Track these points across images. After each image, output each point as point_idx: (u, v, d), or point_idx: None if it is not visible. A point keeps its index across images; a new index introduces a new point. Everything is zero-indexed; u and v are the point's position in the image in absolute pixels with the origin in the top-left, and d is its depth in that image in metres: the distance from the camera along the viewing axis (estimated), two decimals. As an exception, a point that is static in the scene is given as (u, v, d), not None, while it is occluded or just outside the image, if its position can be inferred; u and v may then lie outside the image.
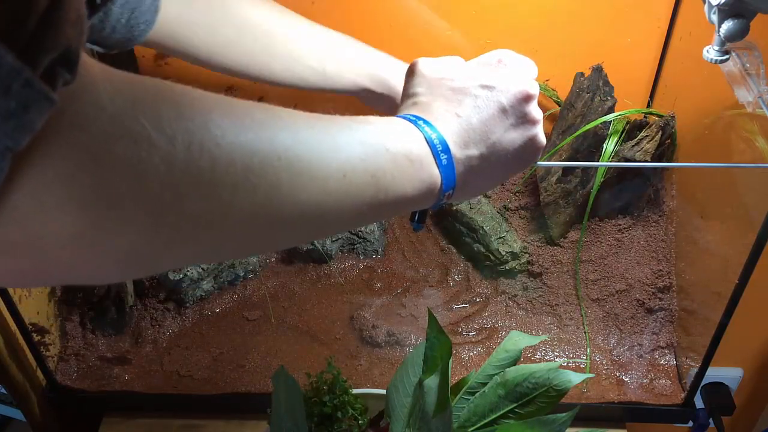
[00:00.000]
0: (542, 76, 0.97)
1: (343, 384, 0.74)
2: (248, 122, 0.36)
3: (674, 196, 1.01)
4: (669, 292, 0.98)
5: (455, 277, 1.02)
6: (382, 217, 0.55)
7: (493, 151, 0.51)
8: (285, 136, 0.38)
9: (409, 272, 1.03)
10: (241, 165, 0.34)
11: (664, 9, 0.89)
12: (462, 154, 0.49)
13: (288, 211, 0.38)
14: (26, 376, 0.92)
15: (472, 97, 0.51)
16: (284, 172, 0.37)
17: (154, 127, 0.31)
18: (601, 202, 0.98)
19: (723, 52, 0.62)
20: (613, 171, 0.95)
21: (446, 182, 0.48)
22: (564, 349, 0.97)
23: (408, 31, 0.93)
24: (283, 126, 0.38)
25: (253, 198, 0.35)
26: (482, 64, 0.57)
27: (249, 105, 0.38)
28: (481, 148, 0.50)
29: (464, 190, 0.51)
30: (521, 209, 1.03)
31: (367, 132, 0.44)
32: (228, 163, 0.34)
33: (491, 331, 0.98)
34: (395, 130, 0.47)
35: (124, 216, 0.31)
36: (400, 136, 0.46)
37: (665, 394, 0.94)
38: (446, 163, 0.48)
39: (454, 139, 0.49)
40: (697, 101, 0.93)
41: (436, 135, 0.48)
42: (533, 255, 1.00)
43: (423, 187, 0.47)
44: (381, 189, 0.43)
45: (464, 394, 0.72)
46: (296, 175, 0.37)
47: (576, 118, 0.92)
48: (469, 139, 0.49)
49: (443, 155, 0.47)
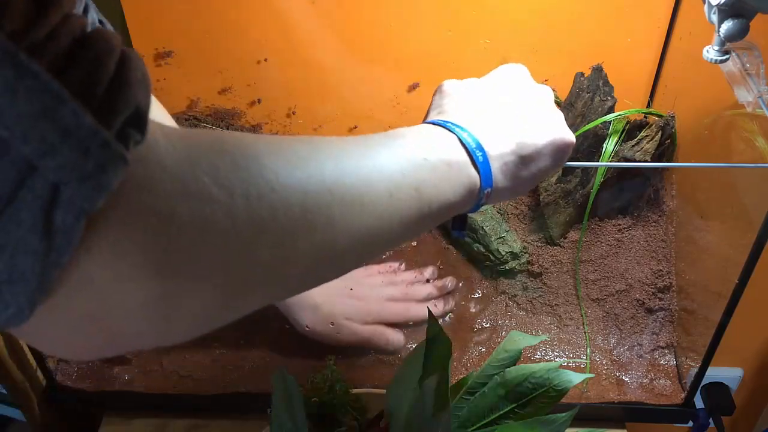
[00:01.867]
0: (542, 75, 0.97)
1: (343, 384, 0.74)
2: (295, 160, 0.36)
3: (674, 196, 1.01)
4: (669, 292, 0.98)
5: (455, 277, 1.02)
6: (427, 227, 0.54)
7: (523, 146, 0.51)
8: (331, 169, 0.37)
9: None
10: (298, 207, 0.34)
11: (664, 9, 0.89)
12: (495, 152, 0.49)
13: (344, 242, 0.38)
14: (26, 376, 0.92)
15: (497, 102, 0.52)
16: (336, 206, 0.37)
17: (214, 182, 0.30)
18: (601, 202, 0.98)
19: (723, 52, 0.62)
20: (613, 171, 0.95)
21: (485, 181, 0.48)
22: (564, 349, 0.97)
23: (408, 31, 0.93)
24: (326, 157, 0.38)
25: (313, 237, 0.35)
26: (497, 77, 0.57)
27: (292, 141, 0.37)
28: (511, 146, 0.50)
29: (501, 190, 0.51)
30: (521, 209, 1.03)
31: (404, 146, 0.44)
32: (286, 207, 0.34)
33: (491, 331, 0.98)
34: (429, 136, 0.46)
35: (196, 278, 0.30)
36: (435, 142, 0.46)
37: (665, 394, 0.94)
38: (482, 161, 0.48)
39: (485, 136, 0.49)
40: (697, 101, 0.93)
41: (467, 134, 0.48)
42: (533, 255, 1.00)
43: (464, 191, 0.47)
44: (425, 201, 0.43)
45: (464, 394, 0.72)
46: (348, 205, 0.37)
47: (576, 118, 0.92)
48: (499, 137, 0.49)
49: (478, 152, 0.47)
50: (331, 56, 0.96)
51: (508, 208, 1.03)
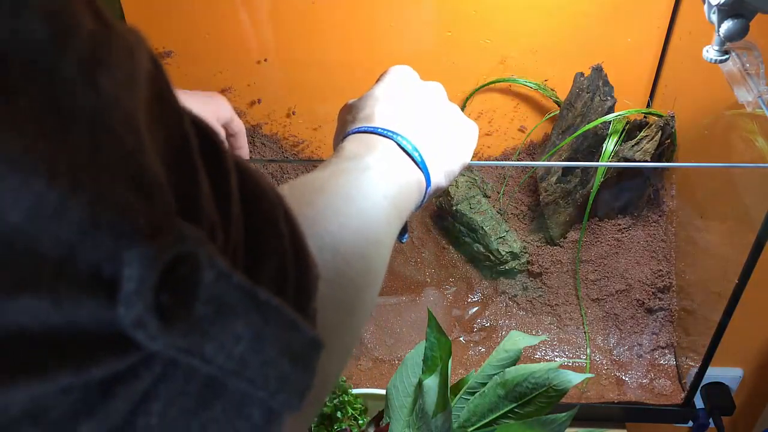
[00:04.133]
0: (542, 76, 0.97)
1: (343, 384, 0.74)
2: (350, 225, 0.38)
3: (674, 196, 1.01)
4: (669, 292, 0.98)
5: (455, 277, 1.02)
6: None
7: (443, 140, 0.52)
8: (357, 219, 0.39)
9: (409, 272, 1.03)
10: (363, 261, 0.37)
11: (664, 9, 0.89)
12: (426, 152, 0.49)
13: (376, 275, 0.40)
14: None
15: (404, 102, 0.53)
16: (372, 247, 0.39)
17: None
18: (600, 202, 0.98)
19: (723, 52, 0.62)
20: (612, 171, 0.95)
21: (427, 177, 0.49)
22: (564, 349, 0.97)
23: (408, 31, 0.93)
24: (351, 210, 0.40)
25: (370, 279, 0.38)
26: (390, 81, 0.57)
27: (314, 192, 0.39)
28: (436, 143, 0.51)
29: (435, 185, 0.51)
30: (521, 209, 1.03)
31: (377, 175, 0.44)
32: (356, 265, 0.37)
33: (491, 331, 0.98)
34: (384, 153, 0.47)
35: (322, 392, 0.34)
36: (389, 158, 0.47)
37: (665, 394, 0.94)
38: (421, 159, 0.48)
39: (416, 138, 0.49)
40: (697, 101, 0.93)
41: (401, 138, 0.48)
42: (533, 255, 1.00)
43: (420, 194, 0.48)
44: (403, 214, 0.45)
45: (464, 394, 0.72)
46: (374, 245, 0.40)
47: (576, 118, 0.92)
48: (422, 137, 0.50)
49: (416, 153, 0.48)
50: (331, 56, 0.96)
51: (508, 208, 1.03)
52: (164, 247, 0.18)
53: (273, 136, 1.04)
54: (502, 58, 0.95)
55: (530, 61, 0.95)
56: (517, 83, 0.97)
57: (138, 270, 0.17)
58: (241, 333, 0.20)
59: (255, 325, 0.20)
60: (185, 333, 0.18)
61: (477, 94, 0.98)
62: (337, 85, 0.98)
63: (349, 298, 0.35)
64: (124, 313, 0.17)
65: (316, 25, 0.93)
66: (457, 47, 0.93)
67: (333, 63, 0.96)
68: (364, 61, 0.96)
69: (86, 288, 0.17)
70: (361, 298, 0.36)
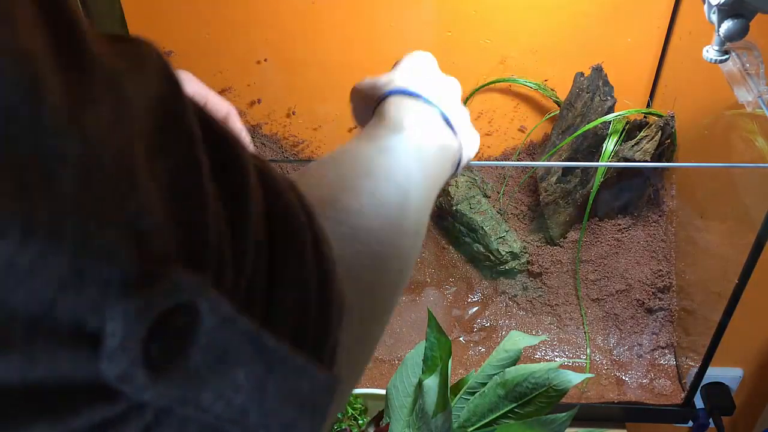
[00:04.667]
0: (542, 76, 0.97)
1: (342, 384, 0.74)
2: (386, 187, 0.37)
3: (674, 196, 1.01)
4: (669, 292, 0.98)
5: (455, 277, 1.02)
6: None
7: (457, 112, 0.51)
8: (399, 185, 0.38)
9: (409, 272, 1.03)
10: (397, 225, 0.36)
11: (664, 9, 0.89)
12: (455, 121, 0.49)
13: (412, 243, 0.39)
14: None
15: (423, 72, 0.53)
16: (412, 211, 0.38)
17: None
18: (600, 202, 0.98)
19: (723, 52, 0.62)
20: (612, 171, 0.95)
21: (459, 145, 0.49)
22: (564, 349, 0.97)
23: (408, 31, 0.93)
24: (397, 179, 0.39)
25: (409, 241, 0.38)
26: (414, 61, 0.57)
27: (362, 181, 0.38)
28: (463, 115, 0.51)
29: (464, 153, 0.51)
30: (521, 209, 1.03)
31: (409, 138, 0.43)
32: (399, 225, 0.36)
33: (491, 331, 0.98)
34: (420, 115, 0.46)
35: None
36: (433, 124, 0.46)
37: (665, 394, 0.94)
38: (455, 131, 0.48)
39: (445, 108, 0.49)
40: (697, 101, 0.93)
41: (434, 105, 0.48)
42: (533, 255, 1.00)
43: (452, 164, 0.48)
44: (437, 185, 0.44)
45: (464, 394, 0.72)
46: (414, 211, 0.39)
47: (576, 118, 0.92)
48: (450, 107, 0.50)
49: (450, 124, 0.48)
50: (331, 56, 0.96)
51: (508, 208, 1.03)
52: (156, 297, 0.17)
53: (273, 136, 1.04)
54: (502, 58, 0.95)
55: (530, 61, 0.95)
56: (517, 83, 0.97)
57: (122, 324, 0.16)
58: (242, 382, 0.19)
59: (258, 374, 0.19)
60: (179, 383, 0.17)
61: (477, 94, 0.98)
62: (337, 85, 0.98)
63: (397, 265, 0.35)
64: (107, 367, 0.16)
65: (316, 25, 0.93)
66: (457, 47, 0.93)
67: (333, 63, 0.96)
68: (364, 61, 0.96)
69: (67, 342, 0.16)
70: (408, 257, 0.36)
